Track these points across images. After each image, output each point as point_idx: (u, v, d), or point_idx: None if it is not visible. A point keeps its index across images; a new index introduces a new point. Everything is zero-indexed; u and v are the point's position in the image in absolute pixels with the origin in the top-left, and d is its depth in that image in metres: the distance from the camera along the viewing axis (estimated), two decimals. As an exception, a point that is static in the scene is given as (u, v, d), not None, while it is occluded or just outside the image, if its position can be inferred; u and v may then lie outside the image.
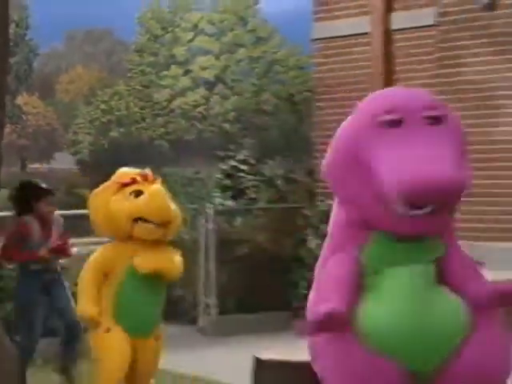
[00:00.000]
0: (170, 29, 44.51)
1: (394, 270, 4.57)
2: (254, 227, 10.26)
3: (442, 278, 4.62)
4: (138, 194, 6.21)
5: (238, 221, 10.34)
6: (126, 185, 6.32)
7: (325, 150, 12.14)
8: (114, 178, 6.43)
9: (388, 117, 4.38)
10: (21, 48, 48.81)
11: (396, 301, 4.54)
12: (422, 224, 4.49)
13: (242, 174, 10.97)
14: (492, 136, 8.70)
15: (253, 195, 10.90)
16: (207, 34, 43.42)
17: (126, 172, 6.55)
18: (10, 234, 6.95)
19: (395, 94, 4.71)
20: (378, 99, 4.66)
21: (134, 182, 6.33)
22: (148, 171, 6.46)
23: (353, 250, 4.56)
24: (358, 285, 4.50)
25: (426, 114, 4.36)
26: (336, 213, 4.78)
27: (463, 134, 4.51)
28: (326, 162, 4.74)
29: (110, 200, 6.27)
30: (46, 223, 6.93)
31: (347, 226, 4.69)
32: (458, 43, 8.90)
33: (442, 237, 4.66)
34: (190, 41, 43.67)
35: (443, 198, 4.37)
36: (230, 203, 10.72)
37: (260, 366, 5.88)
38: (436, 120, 4.36)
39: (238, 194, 10.86)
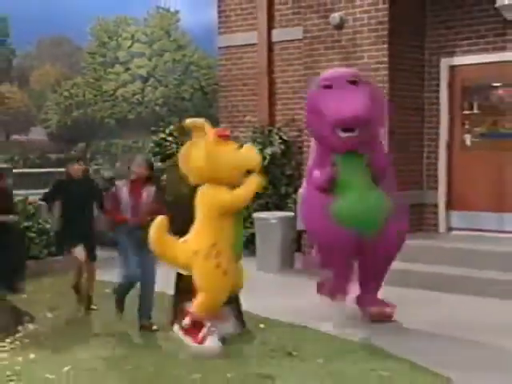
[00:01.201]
0: (114, 38, 43.41)
1: (351, 177, 5.72)
2: (177, 181, 10.18)
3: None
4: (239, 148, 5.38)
5: (165, 177, 10.24)
6: (223, 137, 5.33)
7: (226, 126, 11.89)
8: (211, 132, 5.30)
9: (323, 83, 5.81)
10: (2, 50, 46.87)
11: (351, 195, 5.70)
12: (354, 142, 5.65)
13: (167, 144, 10.86)
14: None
15: (175, 159, 10.81)
16: (142, 42, 42.54)
17: (224, 128, 6.03)
18: (110, 198, 6.04)
19: (330, 72, 6.09)
20: (317, 79, 6.03)
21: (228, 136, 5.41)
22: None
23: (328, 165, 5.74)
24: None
25: (347, 79, 5.75)
26: (313, 147, 6.02)
27: (373, 89, 5.86)
28: (305, 117, 6.06)
29: (219, 150, 5.24)
30: (136, 188, 6.01)
31: (321, 153, 5.86)
32: (317, 52, 8.98)
33: (368, 149, 5.76)
34: (129, 47, 42.71)
35: (356, 122, 5.57)
36: (159, 164, 10.61)
37: (179, 277, 5.90)
38: (353, 82, 5.71)
39: (165, 158, 10.76)
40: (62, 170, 7.07)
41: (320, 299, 6.17)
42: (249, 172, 5.30)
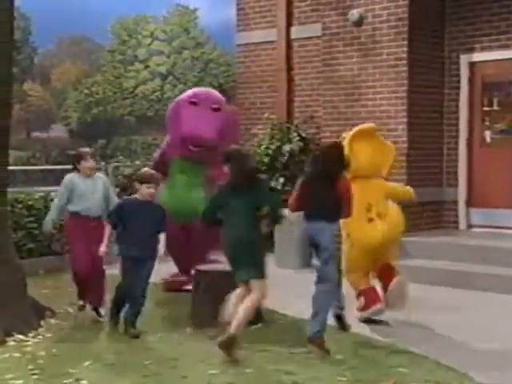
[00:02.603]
0: (134, 36, 43.57)
1: (183, 177, 6.76)
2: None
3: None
4: None
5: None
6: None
7: (244, 123, 11.95)
8: (357, 129, 5.89)
9: (191, 99, 6.87)
10: (25, 49, 47.28)
11: (179, 192, 6.77)
12: (199, 155, 6.74)
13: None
14: (360, 114, 8.82)
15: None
16: (161, 40, 42.66)
17: (369, 124, 6.24)
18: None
19: (198, 90, 7.29)
20: (189, 92, 7.08)
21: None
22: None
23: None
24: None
25: (212, 105, 6.83)
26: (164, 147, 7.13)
27: (232, 118, 6.99)
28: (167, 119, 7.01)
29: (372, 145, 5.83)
30: None
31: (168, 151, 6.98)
32: (336, 49, 8.95)
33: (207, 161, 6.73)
34: (149, 44, 42.86)
35: (200, 143, 6.68)
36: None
37: (198, 273, 5.94)
38: (216, 109, 6.80)
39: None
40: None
41: None
42: None
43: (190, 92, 7.15)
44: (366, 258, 5.73)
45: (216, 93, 7.31)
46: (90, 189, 5.99)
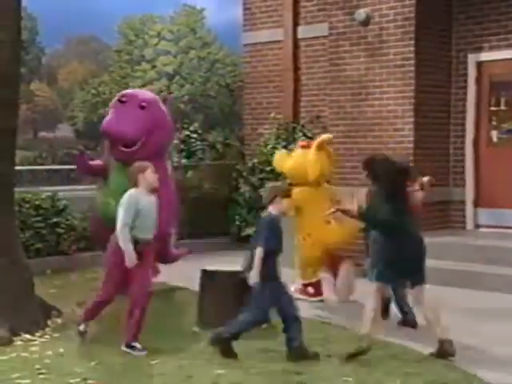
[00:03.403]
0: (140, 36, 43.68)
1: (120, 181, 6.14)
2: (201, 178, 10.24)
3: None
4: None
5: (189, 174, 10.30)
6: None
7: (251, 123, 11.92)
8: (321, 139, 6.75)
9: (121, 98, 6.62)
10: (32, 48, 47.43)
11: (112, 197, 6.13)
12: (132, 156, 6.19)
13: (192, 141, 10.90)
14: (366, 114, 8.80)
15: (200, 155, 10.87)
16: (168, 40, 42.73)
17: (329, 135, 7.02)
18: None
19: (130, 90, 7.06)
20: (123, 93, 6.78)
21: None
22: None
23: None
24: None
25: (138, 102, 6.54)
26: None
27: (159, 115, 6.64)
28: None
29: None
30: None
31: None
32: (343, 49, 8.93)
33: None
34: (156, 44, 42.92)
35: (113, 139, 6.43)
36: (184, 161, 10.67)
37: (204, 274, 5.95)
38: (141, 106, 6.50)
39: (189, 154, 10.81)
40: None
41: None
42: None
43: (121, 93, 6.90)
44: (323, 255, 6.61)
45: (147, 92, 7.22)
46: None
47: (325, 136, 6.94)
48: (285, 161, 6.90)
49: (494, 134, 8.72)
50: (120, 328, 5.22)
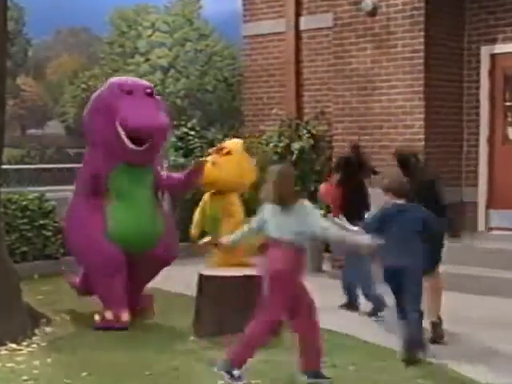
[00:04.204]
0: (133, 27, 43.68)
1: (130, 191, 5.89)
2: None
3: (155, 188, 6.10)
4: None
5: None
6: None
7: (251, 120, 11.91)
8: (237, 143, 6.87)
9: (125, 88, 5.89)
10: (18, 40, 47.42)
11: (129, 213, 5.91)
12: (143, 156, 5.82)
13: (190, 138, 10.90)
14: (373, 110, 8.80)
15: (198, 154, 10.86)
16: (162, 31, 42.73)
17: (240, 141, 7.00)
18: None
19: (129, 79, 6.27)
20: (121, 80, 6.14)
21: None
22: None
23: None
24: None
25: (146, 91, 5.92)
26: (88, 155, 6.10)
27: (162, 104, 6.11)
28: (85, 117, 6.14)
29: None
30: None
31: (95, 157, 5.95)
32: (348, 41, 8.93)
33: (152, 164, 6.04)
34: (149, 36, 42.92)
35: (152, 134, 5.73)
36: (181, 160, 10.67)
37: (202, 279, 5.95)
38: (150, 94, 5.92)
39: (187, 152, 10.81)
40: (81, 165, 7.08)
41: None
42: None
43: (119, 81, 6.12)
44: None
45: (143, 81, 6.49)
46: None
47: (235, 140, 7.04)
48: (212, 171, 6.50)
49: (511, 131, 8.73)
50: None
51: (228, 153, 6.67)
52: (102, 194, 5.91)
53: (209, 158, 6.65)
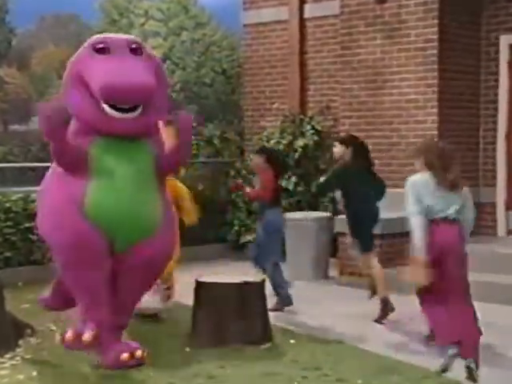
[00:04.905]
0: (125, 15, 43.69)
1: (116, 166, 4.99)
2: (196, 177, 10.25)
3: (156, 168, 5.14)
4: None
5: (183, 172, 10.29)
6: None
7: (251, 115, 11.98)
8: None
9: (98, 45, 5.08)
10: (2, 29, 47.48)
11: (116, 191, 4.96)
12: (131, 125, 4.94)
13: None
14: (383, 104, 8.82)
15: (195, 151, 10.88)
16: (156, 20, 42.73)
17: None
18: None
19: (108, 35, 5.43)
20: (95, 37, 5.34)
21: None
22: None
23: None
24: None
25: (129, 46, 5.06)
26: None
27: (156, 61, 5.25)
28: (62, 90, 5.34)
29: None
30: None
31: (75, 135, 5.07)
32: (356, 29, 8.95)
33: (151, 137, 5.15)
34: (142, 25, 42.90)
35: (136, 96, 4.88)
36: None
37: (200, 286, 5.96)
38: (135, 51, 5.06)
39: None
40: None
41: None
42: None
43: (93, 39, 5.35)
44: None
45: (132, 36, 5.64)
46: None
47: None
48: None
49: (530, 127, 8.74)
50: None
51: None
52: (81, 171, 5.02)
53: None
